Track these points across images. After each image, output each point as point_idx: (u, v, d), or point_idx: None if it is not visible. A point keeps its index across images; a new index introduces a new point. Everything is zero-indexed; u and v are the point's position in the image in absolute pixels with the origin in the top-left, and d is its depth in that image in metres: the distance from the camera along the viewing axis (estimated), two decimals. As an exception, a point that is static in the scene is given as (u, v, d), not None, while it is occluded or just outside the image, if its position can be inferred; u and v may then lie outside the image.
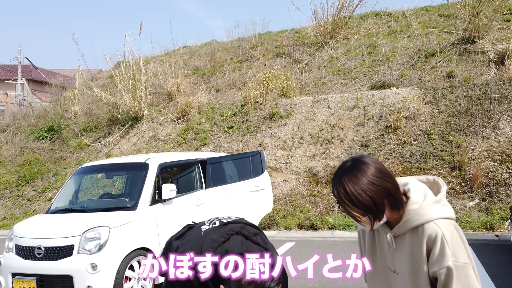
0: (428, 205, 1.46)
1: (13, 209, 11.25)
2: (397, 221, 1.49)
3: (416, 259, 1.45)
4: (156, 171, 5.17)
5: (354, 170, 1.44)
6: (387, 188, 1.43)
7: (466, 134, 8.60)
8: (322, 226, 7.77)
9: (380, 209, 1.43)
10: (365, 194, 1.40)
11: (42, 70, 28.50)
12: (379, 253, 1.61)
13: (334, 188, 1.48)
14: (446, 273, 1.37)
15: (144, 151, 11.52)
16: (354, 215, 1.44)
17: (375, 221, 1.45)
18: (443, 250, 1.38)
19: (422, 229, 1.44)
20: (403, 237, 1.49)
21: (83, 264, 4.21)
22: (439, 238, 1.40)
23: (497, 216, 6.94)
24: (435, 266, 1.39)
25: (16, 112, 17.11)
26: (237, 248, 1.73)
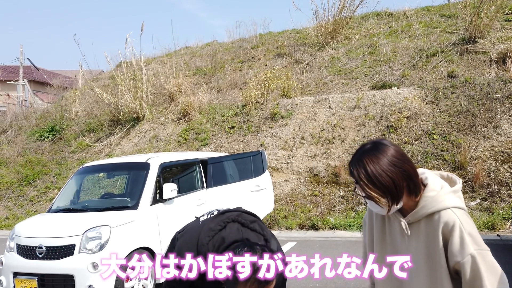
0: (446, 194, 1.46)
1: (14, 210, 11.27)
2: (411, 209, 1.48)
3: (432, 247, 1.44)
4: (157, 170, 5.17)
5: (375, 151, 1.45)
6: (407, 170, 1.43)
7: (467, 134, 8.59)
8: (323, 226, 7.77)
9: (399, 191, 1.42)
10: (386, 175, 1.40)
11: (44, 71, 28.57)
12: (389, 243, 1.58)
13: (354, 169, 1.47)
14: (471, 262, 1.35)
15: (145, 151, 11.53)
16: (373, 195, 1.43)
17: (393, 203, 1.44)
18: (463, 238, 1.37)
19: (438, 216, 1.42)
20: (417, 225, 1.48)
21: (84, 264, 4.22)
22: (457, 226, 1.38)
23: (498, 216, 6.93)
24: (457, 256, 1.37)
25: (18, 112, 17.15)
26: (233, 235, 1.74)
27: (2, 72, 26.49)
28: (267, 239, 1.80)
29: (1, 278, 4.57)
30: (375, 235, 1.64)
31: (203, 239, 1.79)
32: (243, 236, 1.74)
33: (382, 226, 1.61)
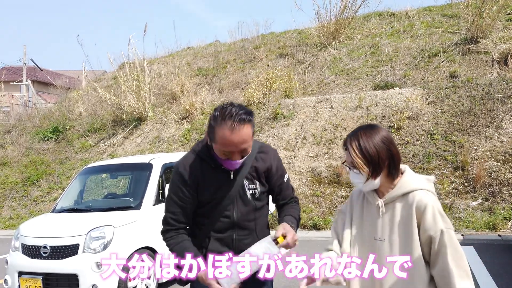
0: (420, 179, 1.70)
1: (18, 210, 11.36)
2: (386, 192, 1.70)
3: (407, 224, 1.62)
4: (159, 171, 5.22)
5: (370, 129, 1.70)
6: (392, 151, 1.67)
7: (469, 134, 8.60)
8: (325, 226, 7.80)
9: (381, 164, 1.65)
10: (374, 147, 1.64)
11: (47, 72, 28.71)
12: (365, 225, 1.76)
13: (348, 140, 1.71)
14: (440, 236, 1.55)
15: (148, 152, 11.59)
16: (359, 162, 1.64)
17: (372, 175, 1.65)
18: (435, 216, 1.57)
19: (412, 196, 1.63)
20: (392, 205, 1.68)
21: (88, 263, 4.27)
22: (429, 204, 1.58)
23: (500, 216, 6.94)
24: (430, 230, 1.56)
25: (21, 113, 17.26)
26: None
27: (6, 72, 26.62)
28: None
29: (6, 277, 4.64)
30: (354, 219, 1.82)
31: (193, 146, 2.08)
32: None
33: (360, 211, 1.80)
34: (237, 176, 1.98)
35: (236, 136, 1.76)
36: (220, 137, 1.77)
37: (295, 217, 2.09)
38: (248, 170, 2.00)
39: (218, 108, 1.84)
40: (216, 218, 1.98)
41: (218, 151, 1.84)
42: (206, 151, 1.97)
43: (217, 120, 1.78)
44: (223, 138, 1.77)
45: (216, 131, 1.78)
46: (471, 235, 6.59)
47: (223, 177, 1.96)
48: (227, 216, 1.98)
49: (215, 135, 1.80)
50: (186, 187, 1.95)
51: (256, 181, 2.04)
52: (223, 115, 1.77)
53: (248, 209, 2.00)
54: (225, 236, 1.99)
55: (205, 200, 1.97)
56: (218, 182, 1.96)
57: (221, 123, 1.76)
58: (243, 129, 1.77)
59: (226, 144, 1.78)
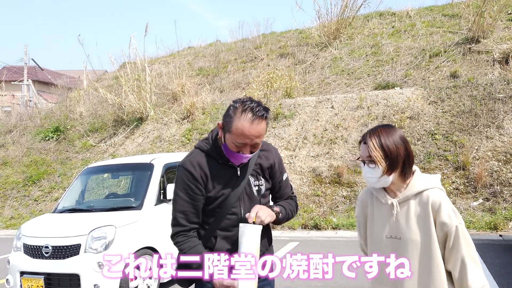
0: (430, 178, 1.78)
1: (20, 209, 11.38)
2: (399, 191, 1.76)
3: (424, 222, 1.69)
4: (161, 171, 5.23)
5: (388, 127, 1.78)
6: (408, 150, 1.75)
7: (470, 134, 8.60)
8: (326, 226, 7.80)
9: (398, 161, 1.72)
10: (393, 144, 1.72)
11: (48, 71, 28.73)
12: (376, 224, 1.83)
13: (367, 135, 1.77)
14: (455, 231, 1.65)
15: (149, 152, 11.60)
16: (377, 156, 1.70)
17: (388, 170, 1.71)
18: (449, 213, 1.66)
19: (426, 195, 1.70)
20: (406, 203, 1.74)
21: (90, 263, 4.28)
22: (443, 203, 1.67)
23: (501, 216, 6.94)
24: (446, 226, 1.66)
25: (23, 113, 17.27)
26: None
27: (7, 72, 26.66)
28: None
29: (8, 277, 4.64)
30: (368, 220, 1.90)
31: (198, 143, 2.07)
32: None
33: (371, 211, 1.87)
34: (244, 172, 1.99)
35: (253, 129, 1.81)
36: (238, 128, 1.81)
37: (282, 205, 2.12)
38: (253, 167, 2.03)
39: (238, 100, 1.89)
40: (223, 215, 1.97)
41: (231, 142, 1.86)
42: (213, 147, 1.99)
43: (237, 111, 1.83)
44: (241, 129, 1.81)
45: (234, 122, 1.82)
46: (472, 235, 6.57)
47: (230, 173, 1.98)
48: (234, 213, 1.98)
49: (232, 126, 1.83)
50: (196, 184, 1.93)
51: (261, 178, 2.06)
52: (244, 107, 1.82)
53: (254, 205, 2.00)
54: (232, 234, 1.98)
55: (212, 196, 1.96)
56: (226, 178, 1.97)
57: (242, 115, 1.81)
58: (261, 123, 1.83)
59: (243, 136, 1.82)
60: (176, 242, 1.99)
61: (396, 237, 1.74)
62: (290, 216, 2.17)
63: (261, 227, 1.89)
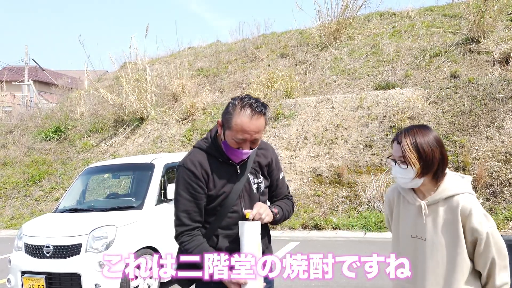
0: (462, 182, 1.75)
1: (20, 209, 11.40)
2: (428, 194, 1.74)
3: (452, 227, 1.68)
4: (161, 171, 5.25)
5: (424, 128, 1.75)
6: (443, 154, 1.72)
7: (470, 134, 8.61)
8: (326, 226, 7.81)
9: (432, 163, 1.68)
10: (428, 145, 1.68)
11: (49, 71, 28.77)
12: (402, 223, 1.83)
13: (401, 135, 1.73)
14: (486, 237, 1.64)
15: (149, 152, 11.62)
16: (411, 157, 1.67)
17: (422, 172, 1.68)
18: (481, 219, 1.65)
19: (456, 200, 1.68)
20: (435, 206, 1.72)
21: (91, 263, 4.29)
22: (474, 209, 1.65)
23: (501, 216, 6.95)
24: (476, 233, 1.65)
25: (23, 113, 17.30)
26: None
27: (8, 72, 26.70)
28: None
29: (9, 277, 4.66)
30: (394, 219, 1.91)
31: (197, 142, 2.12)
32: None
33: (397, 210, 1.88)
34: (243, 170, 2.02)
35: (253, 124, 1.85)
36: (238, 124, 1.85)
37: (279, 206, 2.14)
38: (252, 165, 2.05)
39: (237, 98, 1.93)
40: (224, 214, 1.98)
41: (231, 139, 1.90)
42: (212, 146, 2.02)
43: (236, 107, 1.88)
44: (241, 124, 1.85)
45: (234, 118, 1.86)
46: (472, 235, 6.60)
47: (230, 171, 2.00)
48: (235, 211, 1.99)
49: (231, 122, 1.87)
50: (198, 182, 1.95)
51: (260, 175, 2.09)
52: (243, 103, 1.87)
53: (254, 203, 2.02)
54: (233, 233, 1.98)
55: (213, 194, 1.98)
56: (226, 176, 1.99)
57: (241, 111, 1.86)
58: (260, 119, 1.87)
59: (242, 131, 1.86)
60: (181, 242, 1.98)
61: (421, 238, 1.75)
62: (287, 216, 2.19)
63: (260, 223, 1.91)
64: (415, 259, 1.78)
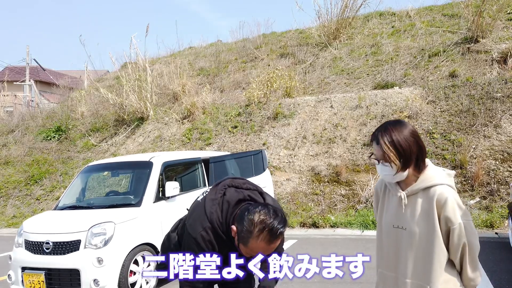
0: (442, 174, 1.80)
1: (22, 208, 11.48)
2: (410, 185, 1.80)
3: (428, 216, 1.75)
4: (159, 169, 5.31)
5: (399, 123, 1.81)
6: (420, 144, 1.78)
7: (468, 133, 8.65)
8: (324, 224, 7.87)
9: (411, 157, 1.75)
10: (405, 141, 1.74)
11: (50, 71, 28.88)
12: (386, 214, 1.91)
13: (379, 133, 1.79)
14: (459, 228, 1.70)
15: (149, 151, 11.69)
16: (391, 155, 1.74)
17: (402, 167, 1.75)
18: (455, 210, 1.71)
19: (433, 190, 1.74)
20: (415, 197, 1.79)
21: (90, 258, 4.36)
22: (449, 199, 1.71)
23: (497, 214, 6.99)
24: (450, 222, 1.71)
25: (25, 113, 17.40)
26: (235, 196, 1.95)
27: (9, 72, 26.81)
28: (261, 192, 2.03)
29: (10, 273, 4.73)
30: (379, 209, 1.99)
31: (210, 209, 1.97)
32: (244, 195, 1.95)
33: (382, 200, 1.96)
34: None
35: (270, 248, 1.81)
36: (254, 247, 1.79)
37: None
38: None
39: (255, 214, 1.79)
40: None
41: (245, 252, 1.85)
42: (225, 228, 1.95)
43: (255, 229, 1.77)
44: (257, 248, 1.79)
45: (252, 240, 1.78)
46: (468, 233, 6.64)
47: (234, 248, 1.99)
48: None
49: (248, 242, 1.79)
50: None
51: None
52: (262, 226, 1.76)
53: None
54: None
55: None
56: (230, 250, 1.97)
57: (259, 235, 1.76)
58: (278, 241, 1.81)
59: (258, 252, 1.81)
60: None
61: (402, 228, 1.82)
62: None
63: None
64: (397, 248, 1.85)
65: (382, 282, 1.94)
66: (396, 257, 1.85)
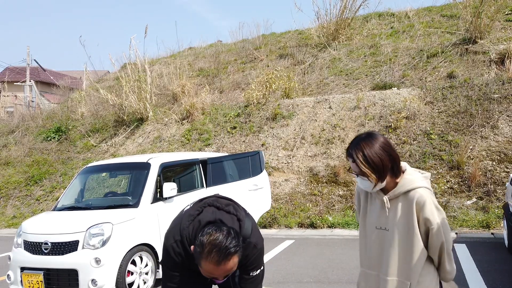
0: (419, 177, 1.94)
1: (22, 209, 11.54)
2: (392, 189, 1.93)
3: (408, 218, 1.88)
4: (157, 170, 5.36)
5: (370, 138, 1.89)
6: (393, 155, 1.88)
7: (465, 134, 8.69)
8: (322, 224, 7.91)
9: (385, 170, 1.86)
10: (377, 156, 1.84)
11: (50, 72, 28.95)
12: (369, 215, 2.04)
13: (353, 151, 1.89)
14: (437, 228, 1.84)
15: (149, 152, 11.74)
16: (367, 171, 1.84)
17: (379, 180, 1.86)
18: (432, 211, 1.85)
19: (413, 193, 1.87)
20: (396, 200, 1.92)
21: (88, 259, 4.41)
22: (428, 202, 1.85)
23: (493, 215, 7.03)
24: (429, 222, 1.84)
25: (25, 113, 17.46)
26: (207, 217, 1.94)
27: (9, 73, 26.88)
28: (240, 219, 1.98)
29: (9, 273, 4.78)
30: (361, 210, 2.11)
31: (184, 223, 1.99)
32: (216, 217, 1.92)
33: (365, 204, 2.07)
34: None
35: (221, 270, 1.76)
36: (206, 268, 1.76)
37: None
38: None
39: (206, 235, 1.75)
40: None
41: (202, 272, 1.82)
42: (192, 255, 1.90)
43: (204, 251, 1.73)
44: (208, 270, 1.76)
45: (202, 262, 1.75)
46: (464, 233, 6.69)
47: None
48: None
49: (200, 263, 1.76)
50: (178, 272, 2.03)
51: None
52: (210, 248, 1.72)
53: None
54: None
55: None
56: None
57: (207, 256, 1.72)
58: (229, 262, 1.74)
59: (211, 274, 1.79)
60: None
61: (385, 229, 1.95)
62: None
63: None
64: (380, 248, 1.97)
65: (363, 281, 2.05)
66: (378, 256, 1.97)
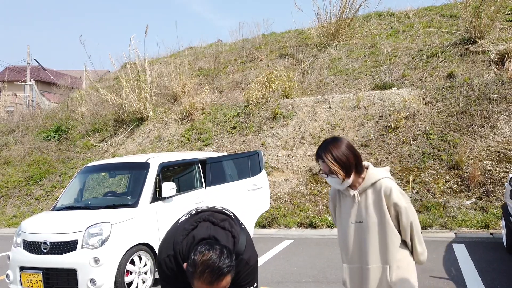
0: (381, 170, 2.22)
1: (22, 208, 11.56)
2: (360, 184, 2.17)
3: (379, 206, 2.11)
4: (156, 170, 5.36)
5: (336, 141, 2.16)
6: (356, 155, 2.15)
7: (464, 134, 8.69)
8: (321, 224, 7.92)
9: (351, 166, 2.12)
10: (344, 155, 2.10)
11: (50, 71, 28.97)
12: (344, 214, 2.24)
13: (322, 153, 2.13)
14: (405, 210, 2.09)
15: (149, 151, 11.75)
16: (336, 169, 2.09)
17: (346, 176, 2.11)
18: (399, 196, 2.10)
19: (379, 184, 2.13)
20: (365, 193, 2.16)
21: (87, 258, 4.42)
22: (393, 188, 2.10)
23: (492, 215, 7.03)
24: (397, 207, 2.09)
25: (25, 113, 17.48)
26: (202, 233, 1.88)
27: (10, 72, 26.91)
28: (234, 236, 1.92)
29: (8, 272, 4.79)
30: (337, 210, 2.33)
31: (178, 237, 1.93)
32: (210, 233, 1.87)
33: (338, 203, 2.30)
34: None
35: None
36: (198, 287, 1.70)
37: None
38: None
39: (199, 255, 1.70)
40: None
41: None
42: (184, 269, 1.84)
43: (196, 271, 1.68)
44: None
45: (194, 281, 1.70)
46: (463, 233, 6.69)
47: None
48: None
49: (193, 282, 1.71)
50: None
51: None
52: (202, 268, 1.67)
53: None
54: None
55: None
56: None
57: (200, 277, 1.67)
58: (222, 282, 1.69)
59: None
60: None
61: (360, 222, 2.15)
62: None
63: None
64: (359, 240, 2.16)
65: (348, 276, 2.21)
66: (358, 249, 2.16)
